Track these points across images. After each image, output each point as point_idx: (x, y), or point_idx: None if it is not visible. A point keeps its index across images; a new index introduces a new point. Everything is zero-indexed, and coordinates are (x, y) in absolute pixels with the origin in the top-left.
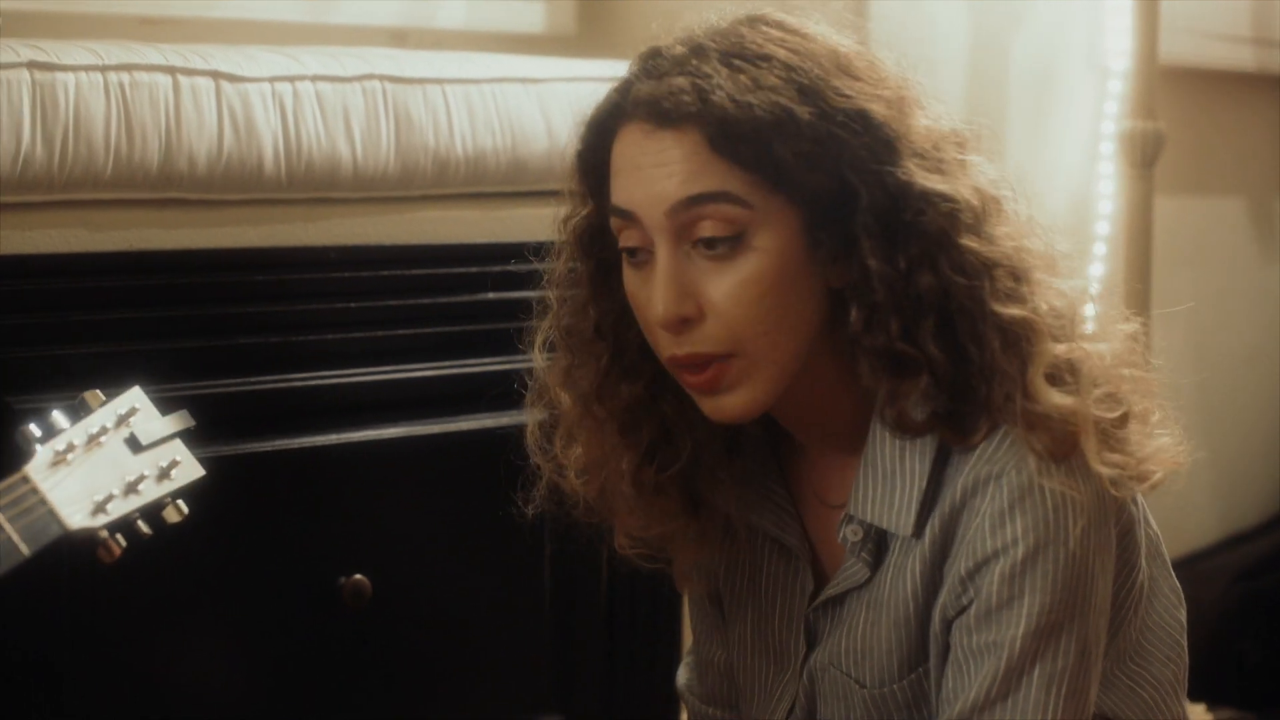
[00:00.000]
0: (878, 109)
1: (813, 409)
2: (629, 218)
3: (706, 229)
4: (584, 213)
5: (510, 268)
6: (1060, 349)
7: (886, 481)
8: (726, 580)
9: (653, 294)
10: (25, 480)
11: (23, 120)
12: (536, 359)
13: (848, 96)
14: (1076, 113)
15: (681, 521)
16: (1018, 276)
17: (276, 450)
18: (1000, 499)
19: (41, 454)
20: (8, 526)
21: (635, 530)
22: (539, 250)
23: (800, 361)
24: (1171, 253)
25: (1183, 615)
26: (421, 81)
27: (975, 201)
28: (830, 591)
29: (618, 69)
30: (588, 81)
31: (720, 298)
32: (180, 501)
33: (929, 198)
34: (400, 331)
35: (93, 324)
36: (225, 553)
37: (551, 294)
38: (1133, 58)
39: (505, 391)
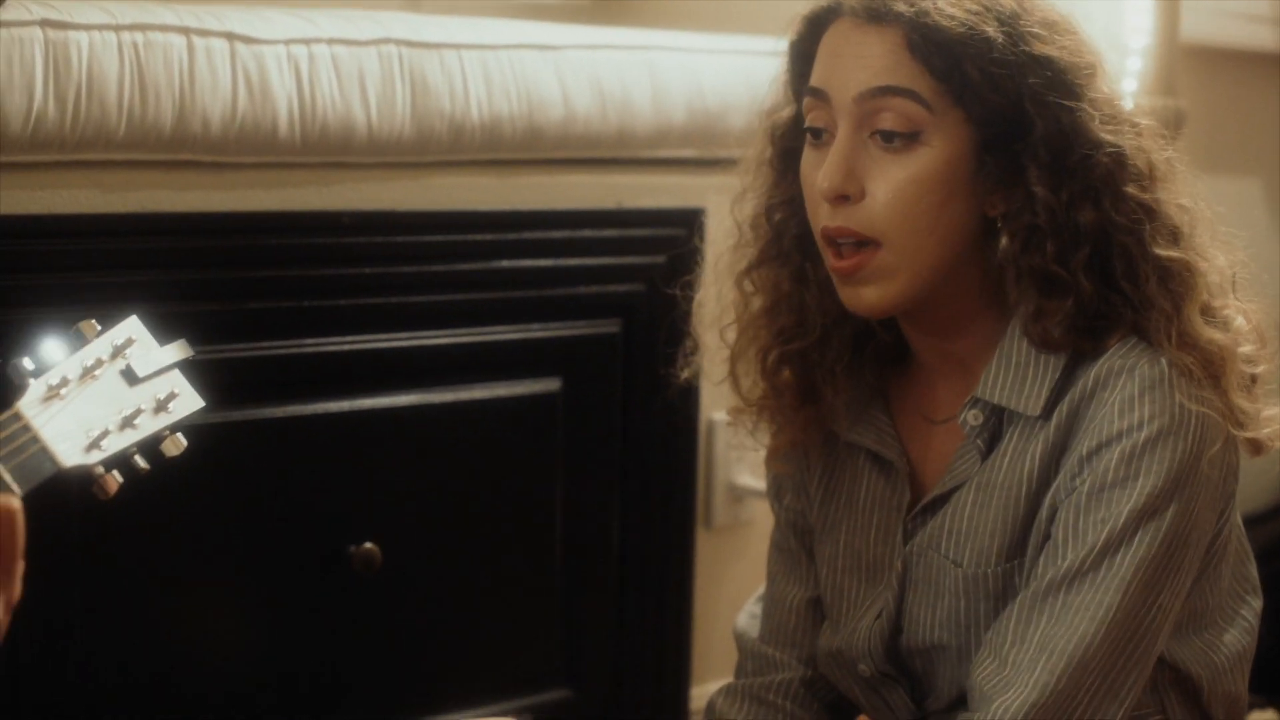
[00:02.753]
0: (1066, 59)
1: (944, 326)
2: (821, 97)
3: (886, 120)
4: (784, 105)
5: (525, 235)
6: (1216, 301)
7: (1019, 370)
8: (821, 505)
9: (823, 169)
10: (17, 417)
11: (35, 79)
12: (716, 241)
13: (1042, 41)
14: None
15: (791, 402)
16: (1178, 229)
17: (288, 416)
18: (1131, 387)
19: (34, 389)
20: None
21: (750, 401)
22: (555, 218)
23: (939, 273)
24: None
25: (1259, 605)
26: (438, 46)
27: (1141, 162)
28: (936, 491)
29: (634, 37)
30: (605, 49)
31: (883, 187)
32: (179, 434)
33: (1099, 144)
34: (414, 298)
35: (103, 285)
36: (236, 518)
37: (739, 179)
38: (1153, 35)
39: (518, 360)
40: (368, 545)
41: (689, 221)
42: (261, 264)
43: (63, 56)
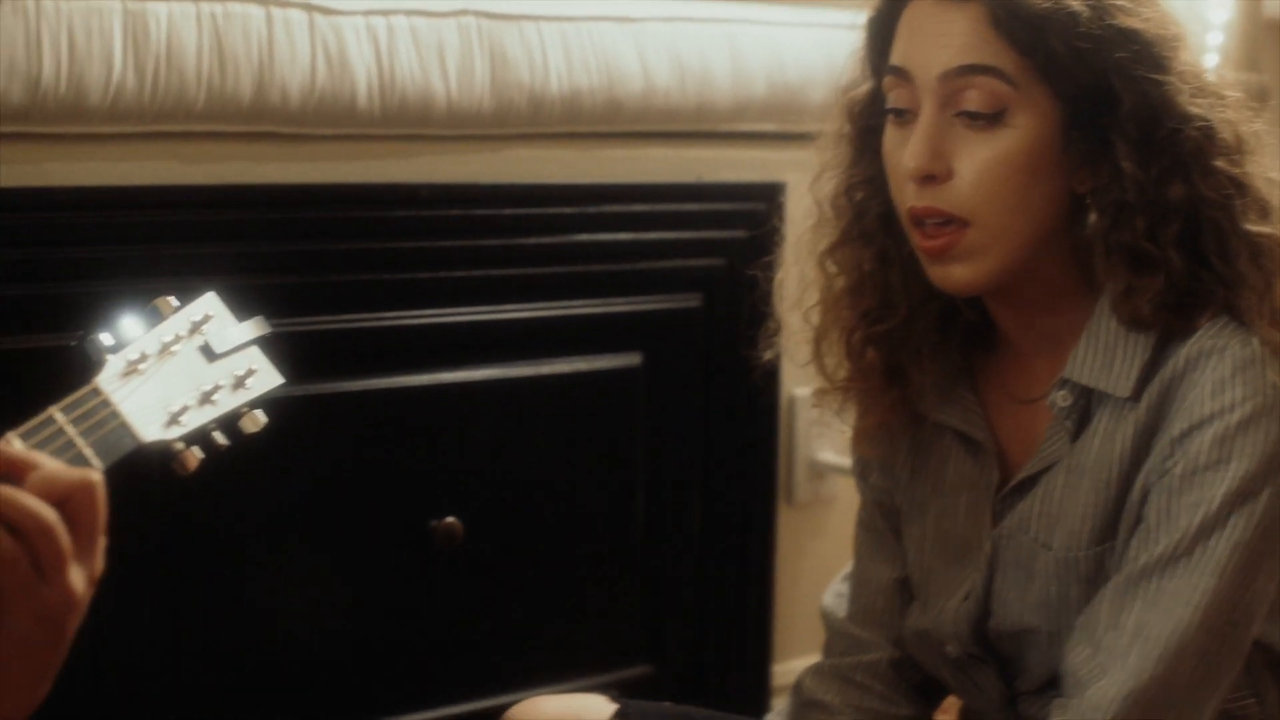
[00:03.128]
0: (1152, 31)
1: (1032, 305)
2: (903, 75)
3: (971, 100)
4: (862, 81)
5: (604, 209)
6: None
7: (1107, 351)
8: (908, 485)
9: (908, 148)
10: (96, 392)
11: (114, 50)
12: (796, 218)
13: (1127, 14)
14: None
15: (878, 383)
16: (1268, 204)
17: (367, 390)
18: (1223, 368)
19: (112, 364)
20: (79, 441)
21: (835, 382)
22: (634, 192)
23: (1029, 251)
24: None
25: None
26: (517, 18)
27: (1229, 135)
28: (1026, 472)
29: (713, 10)
30: (684, 22)
31: (970, 166)
32: (258, 411)
33: (1188, 117)
34: (493, 271)
35: (182, 258)
36: (316, 493)
37: (817, 157)
38: (1235, 9)
39: (598, 335)
40: (449, 519)
41: (769, 196)
42: (340, 237)
43: (141, 27)
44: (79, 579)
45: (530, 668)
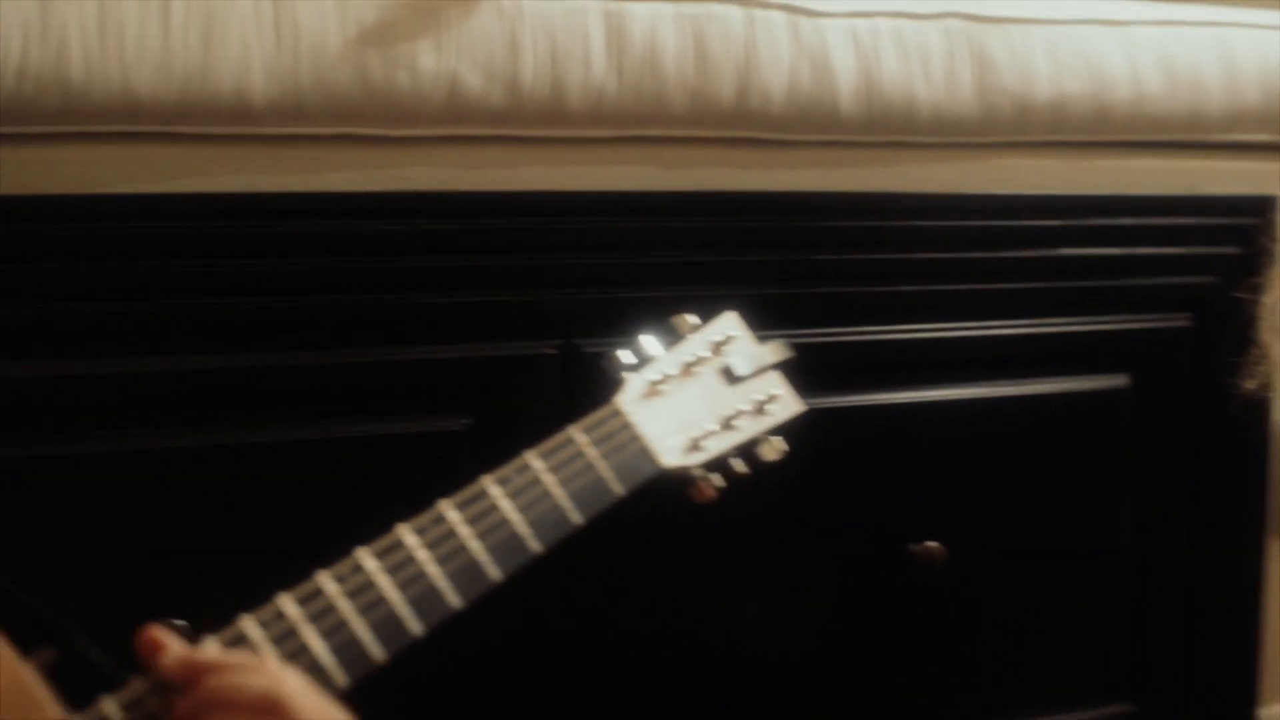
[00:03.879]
0: None
1: None
2: None
3: None
4: None
5: (1091, 222)
6: None
7: None
8: None
9: None
10: (616, 413)
11: (594, 52)
12: None
13: None
14: None
15: None
16: None
17: (849, 405)
18: None
19: (633, 384)
20: (599, 464)
21: None
22: (1122, 204)
23: None
24: None
25: None
26: (1002, 21)
27: None
28: None
29: (1204, 13)
30: (1174, 25)
31: None
32: (778, 439)
33: None
34: (976, 286)
35: (661, 266)
36: (792, 509)
37: None
38: None
39: (1083, 354)
40: (929, 543)
41: (1262, 210)
42: (823, 246)
43: (622, 30)
44: None
45: (1006, 699)
